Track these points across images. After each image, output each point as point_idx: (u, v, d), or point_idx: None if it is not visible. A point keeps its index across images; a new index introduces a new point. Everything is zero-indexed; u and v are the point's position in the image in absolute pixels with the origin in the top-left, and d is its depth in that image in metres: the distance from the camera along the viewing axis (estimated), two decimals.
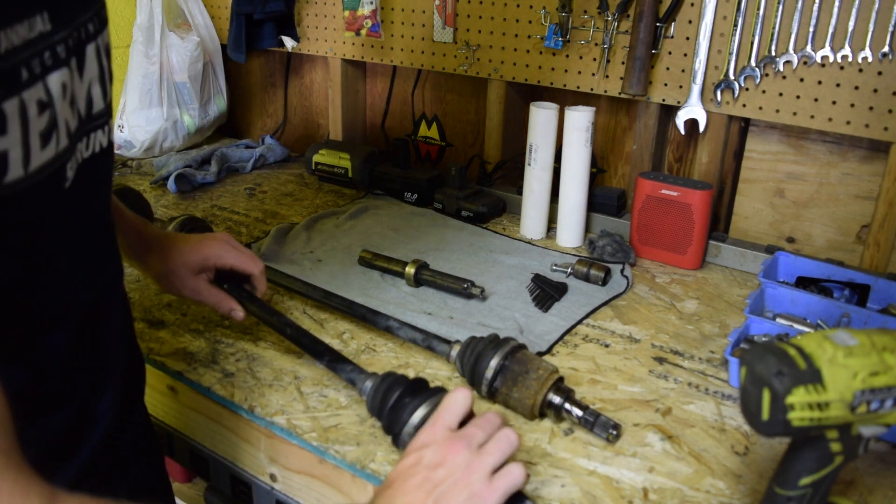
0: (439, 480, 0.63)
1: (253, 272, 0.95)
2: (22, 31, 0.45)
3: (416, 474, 0.63)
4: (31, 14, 0.45)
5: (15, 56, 0.45)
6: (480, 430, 0.68)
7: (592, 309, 1.11)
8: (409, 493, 0.62)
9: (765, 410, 0.55)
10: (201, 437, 0.94)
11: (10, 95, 0.44)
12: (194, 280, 0.91)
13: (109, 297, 0.67)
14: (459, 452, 0.64)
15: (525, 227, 1.39)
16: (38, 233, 0.53)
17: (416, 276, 1.15)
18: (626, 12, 1.31)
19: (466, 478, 0.63)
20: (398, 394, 0.76)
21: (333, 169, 1.63)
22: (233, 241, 0.95)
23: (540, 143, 1.32)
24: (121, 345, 0.70)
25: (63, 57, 0.50)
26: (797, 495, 0.60)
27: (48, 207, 0.52)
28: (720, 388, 0.92)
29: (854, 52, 1.13)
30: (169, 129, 1.77)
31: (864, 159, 1.23)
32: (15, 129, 0.45)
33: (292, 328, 0.90)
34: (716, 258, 1.29)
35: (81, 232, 0.60)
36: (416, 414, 0.73)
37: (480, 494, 0.62)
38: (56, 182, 0.52)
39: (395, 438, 0.76)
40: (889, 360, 0.56)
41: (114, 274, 0.68)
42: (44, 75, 0.47)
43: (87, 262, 0.61)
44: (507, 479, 0.64)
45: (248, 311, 0.93)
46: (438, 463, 0.64)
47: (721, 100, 1.26)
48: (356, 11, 1.59)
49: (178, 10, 1.78)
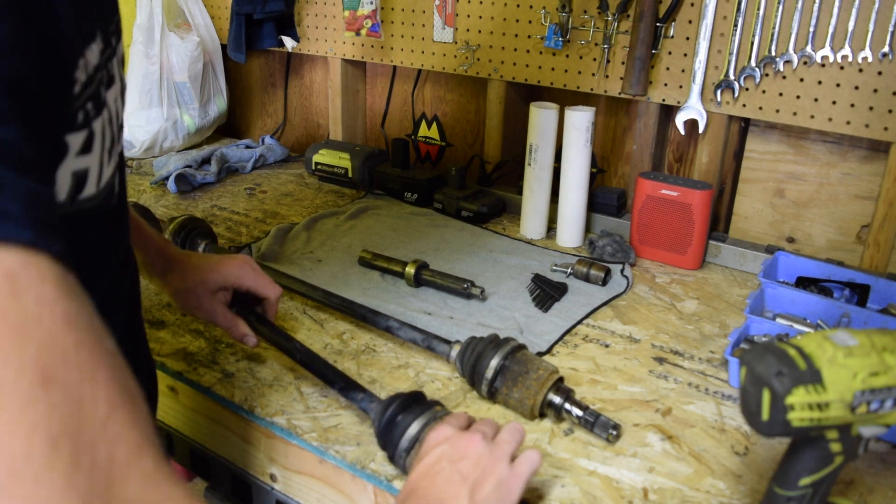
0: (467, 472, 0.64)
1: (269, 297, 0.93)
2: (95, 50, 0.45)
3: (441, 470, 0.65)
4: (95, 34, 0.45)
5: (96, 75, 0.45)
6: (486, 426, 0.71)
7: (592, 309, 1.11)
8: (441, 489, 0.63)
9: (765, 410, 0.55)
10: (201, 437, 0.94)
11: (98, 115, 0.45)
12: (210, 301, 0.90)
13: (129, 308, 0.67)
14: (478, 444, 0.67)
15: (525, 227, 1.39)
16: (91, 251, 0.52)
17: (416, 276, 1.15)
18: (626, 12, 1.31)
19: (491, 465, 0.65)
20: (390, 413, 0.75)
21: (333, 169, 1.63)
22: (252, 264, 0.94)
23: (540, 143, 1.32)
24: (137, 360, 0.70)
25: (114, 73, 0.50)
26: (797, 495, 0.60)
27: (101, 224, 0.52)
28: (720, 388, 0.92)
29: (854, 52, 1.13)
30: (169, 129, 1.77)
31: (864, 159, 1.23)
32: (97, 147, 0.46)
33: (302, 353, 0.88)
34: (716, 258, 1.29)
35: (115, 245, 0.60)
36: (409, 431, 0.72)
37: (507, 481, 0.65)
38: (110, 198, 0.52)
39: (391, 458, 0.75)
40: (889, 361, 0.56)
41: (132, 285, 0.68)
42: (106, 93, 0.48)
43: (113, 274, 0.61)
44: (528, 463, 0.67)
45: (259, 333, 0.91)
46: (461, 456, 0.66)
47: (721, 100, 1.26)
48: (356, 11, 1.59)
49: (178, 10, 1.78)
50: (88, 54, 0.44)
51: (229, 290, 0.91)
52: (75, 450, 0.32)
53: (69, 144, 0.42)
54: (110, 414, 0.34)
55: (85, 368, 0.34)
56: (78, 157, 0.44)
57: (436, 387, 0.91)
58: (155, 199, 1.54)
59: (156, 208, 1.49)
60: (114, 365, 0.36)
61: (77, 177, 0.44)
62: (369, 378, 0.93)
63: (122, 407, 0.35)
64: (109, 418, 0.34)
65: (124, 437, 0.35)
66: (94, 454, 0.33)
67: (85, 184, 0.45)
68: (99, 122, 0.45)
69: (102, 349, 0.36)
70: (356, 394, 0.81)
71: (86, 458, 0.32)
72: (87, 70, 0.43)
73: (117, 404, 0.35)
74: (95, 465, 0.33)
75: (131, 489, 0.34)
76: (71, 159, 0.43)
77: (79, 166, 0.44)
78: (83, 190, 0.46)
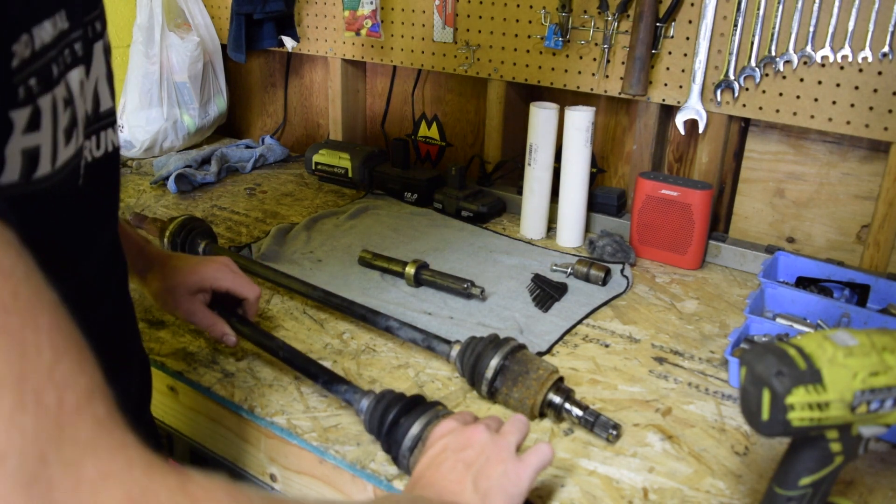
0: (472, 460, 0.64)
1: (248, 297, 0.95)
2: (49, 29, 0.46)
3: (445, 460, 0.64)
4: (52, 12, 0.46)
5: (46, 53, 0.45)
6: (490, 420, 0.70)
7: (592, 309, 1.11)
8: (445, 476, 0.63)
9: (765, 410, 0.55)
10: (201, 437, 0.94)
11: (45, 92, 0.45)
12: (189, 301, 0.91)
13: (117, 303, 0.67)
14: (482, 434, 0.66)
15: (525, 227, 1.39)
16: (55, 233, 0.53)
17: (416, 276, 1.15)
18: (626, 12, 1.31)
19: (497, 454, 0.64)
20: (393, 415, 0.75)
21: (333, 169, 1.63)
22: (232, 266, 0.96)
23: (540, 143, 1.32)
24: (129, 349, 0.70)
25: (81, 55, 0.51)
26: (797, 495, 0.60)
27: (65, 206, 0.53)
28: (720, 388, 0.92)
29: (854, 52, 1.13)
30: (169, 129, 1.77)
31: (864, 159, 1.23)
32: (47, 124, 0.46)
33: (285, 350, 0.89)
34: (716, 258, 1.29)
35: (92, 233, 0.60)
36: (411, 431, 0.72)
37: (515, 470, 0.64)
38: (72, 180, 0.52)
39: (395, 459, 0.75)
40: (889, 360, 0.56)
41: (120, 280, 0.68)
42: (65, 72, 0.48)
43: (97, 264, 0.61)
44: (538, 455, 0.66)
45: (240, 333, 0.93)
46: (464, 446, 0.65)
47: (721, 100, 1.26)
48: (356, 11, 1.59)
49: (178, 10, 1.78)
50: (37, 31, 0.44)
51: (208, 291, 0.93)
52: (19, 392, 0.31)
53: (13, 120, 0.43)
54: (56, 360, 0.34)
55: (26, 315, 0.33)
56: (25, 135, 0.44)
57: (436, 387, 0.91)
58: (155, 199, 1.54)
59: (156, 208, 1.49)
60: (57, 314, 0.36)
61: (28, 155, 0.44)
62: (369, 378, 0.93)
63: (68, 354, 0.35)
64: (56, 365, 0.34)
65: (73, 382, 0.34)
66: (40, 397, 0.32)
67: (38, 163, 0.46)
68: (47, 98, 0.46)
69: (43, 299, 0.35)
70: (339, 386, 0.82)
71: (31, 401, 0.32)
72: (31, 46, 0.44)
73: (63, 351, 0.35)
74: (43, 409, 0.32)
75: (83, 433, 0.34)
76: (18, 136, 0.43)
77: (27, 144, 0.44)
78: (36, 169, 0.46)
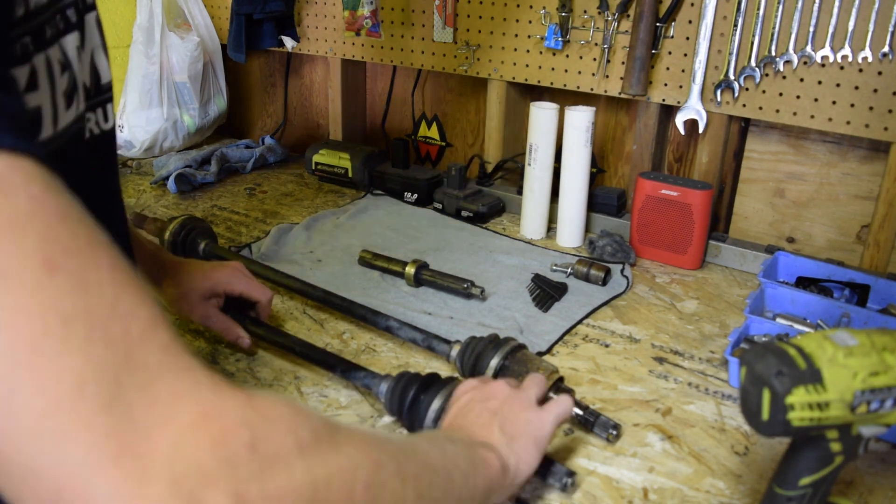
0: (496, 408, 0.68)
1: (260, 300, 0.98)
2: None
3: (472, 409, 0.68)
4: None
5: (40, 14, 0.46)
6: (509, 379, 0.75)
7: (592, 309, 1.11)
8: (473, 422, 0.67)
9: (765, 410, 0.55)
10: None
11: (39, 51, 0.46)
12: (204, 306, 0.94)
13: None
14: (504, 387, 0.71)
15: (525, 227, 1.39)
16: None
17: (416, 276, 1.15)
18: (626, 12, 1.31)
19: (519, 404, 0.68)
20: (413, 393, 0.78)
21: (333, 169, 1.63)
22: (244, 270, 0.99)
23: (540, 143, 1.32)
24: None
25: (74, 21, 0.52)
26: (797, 495, 0.60)
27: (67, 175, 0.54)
28: (720, 388, 0.92)
29: (854, 52, 1.13)
30: (169, 129, 1.77)
31: (864, 159, 1.23)
32: (45, 85, 0.46)
33: (301, 346, 0.92)
34: (716, 258, 1.29)
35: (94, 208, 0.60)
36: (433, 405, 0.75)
37: (539, 418, 0.68)
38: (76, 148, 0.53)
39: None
40: (889, 360, 0.56)
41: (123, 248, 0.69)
42: (59, 37, 0.49)
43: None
44: (559, 405, 0.70)
45: (254, 334, 0.96)
46: (489, 396, 0.69)
47: (721, 100, 1.26)
48: (356, 11, 1.59)
49: (178, 10, 1.78)
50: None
51: (221, 295, 0.96)
52: (89, 326, 0.33)
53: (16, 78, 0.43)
54: (118, 295, 0.35)
55: (86, 255, 0.35)
56: (27, 95, 0.45)
57: None
58: (155, 198, 1.54)
59: (156, 208, 1.49)
60: (112, 253, 0.37)
61: (31, 116, 0.45)
62: None
63: (128, 288, 0.36)
64: (118, 299, 0.35)
65: (136, 314, 0.36)
66: (107, 330, 0.34)
67: (41, 125, 0.46)
68: (41, 58, 0.46)
69: (99, 239, 0.37)
70: (357, 373, 0.85)
71: (99, 334, 0.34)
72: (27, 5, 0.44)
73: (122, 286, 0.36)
74: (111, 339, 0.34)
75: (151, 358, 0.35)
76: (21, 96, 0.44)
77: (30, 104, 0.45)
78: (40, 131, 0.46)
